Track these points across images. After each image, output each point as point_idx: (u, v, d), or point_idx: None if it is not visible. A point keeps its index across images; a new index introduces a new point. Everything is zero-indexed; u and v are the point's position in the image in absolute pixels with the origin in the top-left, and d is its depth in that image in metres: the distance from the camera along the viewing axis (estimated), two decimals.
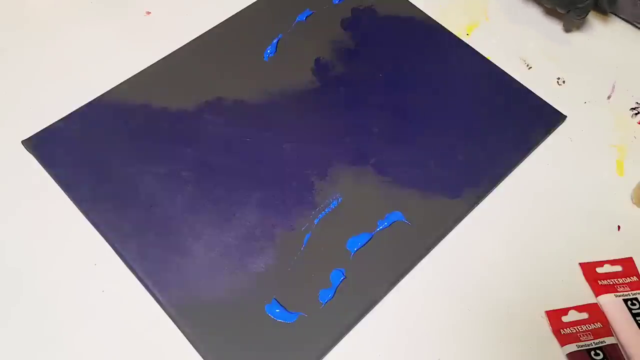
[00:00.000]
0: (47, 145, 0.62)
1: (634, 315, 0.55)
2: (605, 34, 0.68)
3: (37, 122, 0.63)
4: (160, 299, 0.54)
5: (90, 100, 0.65)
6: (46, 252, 0.57)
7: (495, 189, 0.62)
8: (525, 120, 0.65)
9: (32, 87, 0.67)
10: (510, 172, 0.63)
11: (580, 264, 0.59)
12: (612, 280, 0.57)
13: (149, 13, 0.75)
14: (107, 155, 0.61)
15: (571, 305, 0.56)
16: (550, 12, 0.77)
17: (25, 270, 0.56)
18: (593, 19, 0.76)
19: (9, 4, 0.74)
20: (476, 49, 0.72)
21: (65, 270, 0.56)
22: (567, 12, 0.69)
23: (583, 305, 0.56)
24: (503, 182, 0.63)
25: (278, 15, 0.74)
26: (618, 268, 0.58)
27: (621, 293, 0.57)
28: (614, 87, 0.71)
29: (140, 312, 0.54)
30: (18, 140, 0.62)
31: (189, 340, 0.52)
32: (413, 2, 0.76)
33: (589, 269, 0.58)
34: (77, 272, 0.56)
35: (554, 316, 0.55)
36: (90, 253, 0.57)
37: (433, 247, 0.58)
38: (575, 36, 0.74)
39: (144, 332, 0.53)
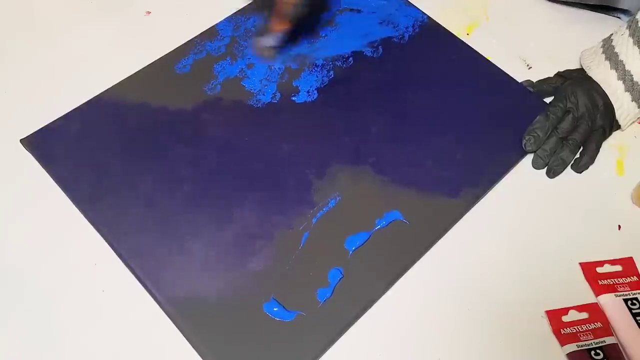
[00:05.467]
0: (45, 144, 0.62)
1: (634, 315, 0.55)
2: (604, 34, 0.67)
3: (35, 120, 0.63)
4: (159, 298, 0.54)
5: (89, 99, 0.65)
6: (46, 251, 0.57)
7: (494, 188, 0.62)
8: (525, 120, 0.64)
9: (30, 85, 0.67)
10: (509, 171, 0.63)
11: (580, 263, 0.58)
12: (612, 280, 0.57)
13: (148, 13, 0.75)
14: (105, 154, 0.61)
15: (571, 305, 0.56)
16: (551, 12, 0.77)
17: (24, 270, 0.56)
18: (593, 19, 0.76)
19: (9, 4, 0.74)
20: (476, 49, 0.72)
21: (65, 269, 0.56)
22: None
23: (583, 305, 0.56)
24: (502, 181, 0.63)
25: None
26: (618, 268, 0.58)
27: (621, 293, 0.56)
28: None
29: (140, 311, 0.54)
30: (16, 139, 0.62)
31: (188, 339, 0.52)
32: (413, 2, 0.76)
33: (589, 269, 0.58)
34: (77, 272, 0.56)
35: (554, 316, 0.55)
36: (90, 252, 0.57)
37: (431, 247, 0.58)
38: (575, 36, 0.74)
39: (143, 331, 0.53)
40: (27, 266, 0.56)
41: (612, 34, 0.66)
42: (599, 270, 0.58)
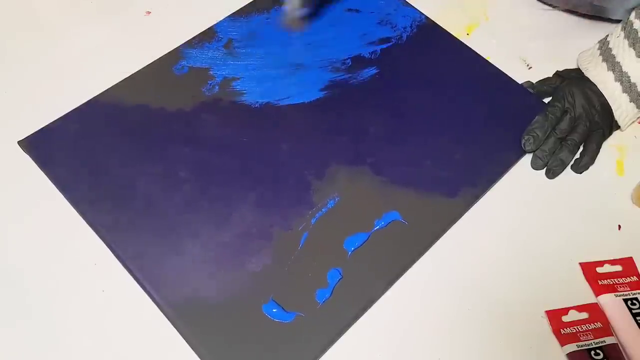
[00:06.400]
0: (43, 146, 0.61)
1: (634, 315, 0.55)
2: (604, 34, 0.67)
3: (33, 122, 0.63)
4: (157, 299, 0.54)
5: (87, 100, 0.65)
6: (45, 252, 0.57)
7: (493, 188, 0.62)
8: (523, 120, 0.64)
9: (29, 86, 0.67)
10: (508, 170, 0.63)
11: (580, 263, 0.58)
12: (612, 280, 0.57)
13: (148, 13, 0.75)
14: (104, 155, 0.61)
15: (571, 305, 0.56)
16: (551, 12, 0.77)
17: (24, 271, 0.56)
18: (593, 18, 0.76)
19: (9, 4, 0.74)
20: (476, 49, 0.72)
21: (65, 270, 0.56)
22: None
23: (583, 305, 0.56)
24: (501, 181, 0.63)
25: None
26: (618, 268, 0.58)
27: (621, 293, 0.56)
28: None
29: (139, 311, 0.54)
30: (14, 140, 0.62)
31: (187, 341, 0.52)
32: (412, 3, 0.75)
33: (589, 269, 0.58)
34: (77, 272, 0.56)
35: (554, 316, 0.55)
36: (90, 253, 0.57)
37: (430, 247, 0.58)
38: (576, 36, 0.74)
39: (143, 331, 0.53)
40: (27, 266, 0.56)
41: (607, 35, 0.66)
42: (599, 270, 0.58)
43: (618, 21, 0.74)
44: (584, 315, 0.55)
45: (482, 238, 0.59)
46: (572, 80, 0.66)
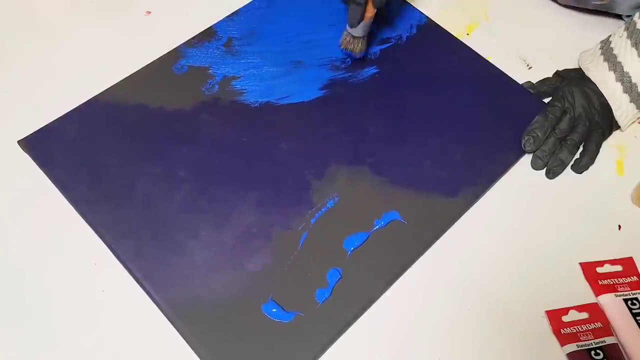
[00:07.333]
0: (43, 145, 0.61)
1: (634, 315, 0.55)
2: (604, 34, 0.67)
3: (33, 121, 0.63)
4: (157, 299, 0.54)
5: (87, 99, 0.65)
6: (45, 252, 0.57)
7: (493, 188, 0.62)
8: (523, 119, 0.64)
9: (29, 86, 0.67)
10: (508, 170, 0.63)
11: (580, 263, 0.58)
12: (612, 280, 0.57)
13: (148, 13, 0.75)
14: (103, 155, 0.61)
15: (571, 305, 0.56)
16: (551, 12, 0.77)
17: (24, 271, 0.56)
18: (593, 19, 0.76)
19: (9, 4, 0.74)
20: (476, 49, 0.72)
21: (65, 270, 0.56)
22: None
23: (583, 305, 0.56)
24: (501, 181, 0.63)
25: None
26: (618, 268, 0.58)
27: (621, 293, 0.56)
28: None
29: (139, 311, 0.54)
30: (14, 140, 0.62)
31: (186, 341, 0.52)
32: (412, 3, 0.75)
33: (589, 269, 0.58)
34: (77, 272, 0.56)
35: (554, 316, 0.55)
36: (90, 253, 0.57)
37: (430, 247, 0.58)
38: (576, 36, 0.74)
39: (143, 331, 0.53)
40: (27, 266, 0.56)
41: (610, 36, 0.66)
42: (599, 270, 0.58)
43: (620, 17, 0.74)
44: (584, 315, 0.55)
45: (482, 238, 0.59)
46: (571, 80, 0.66)
